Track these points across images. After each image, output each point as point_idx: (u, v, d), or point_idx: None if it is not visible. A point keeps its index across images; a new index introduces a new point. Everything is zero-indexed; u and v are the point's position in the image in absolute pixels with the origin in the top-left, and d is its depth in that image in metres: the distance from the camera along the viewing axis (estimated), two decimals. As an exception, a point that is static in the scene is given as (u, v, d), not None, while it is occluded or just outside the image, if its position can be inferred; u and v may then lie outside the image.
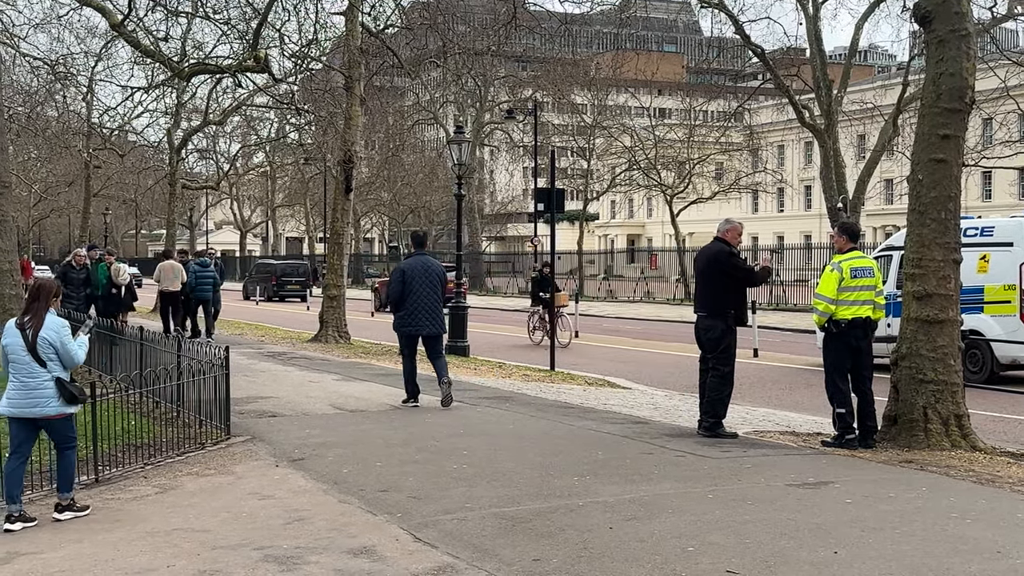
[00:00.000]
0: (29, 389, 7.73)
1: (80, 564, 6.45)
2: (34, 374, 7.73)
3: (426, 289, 13.07)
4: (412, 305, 13.08)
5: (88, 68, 42.42)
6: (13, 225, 19.23)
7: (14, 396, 7.77)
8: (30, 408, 7.73)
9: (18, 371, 7.76)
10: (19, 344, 7.78)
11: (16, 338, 7.81)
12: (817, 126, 32.93)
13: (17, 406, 7.75)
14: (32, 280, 45.07)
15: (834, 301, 10.32)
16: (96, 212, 60.09)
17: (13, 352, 7.79)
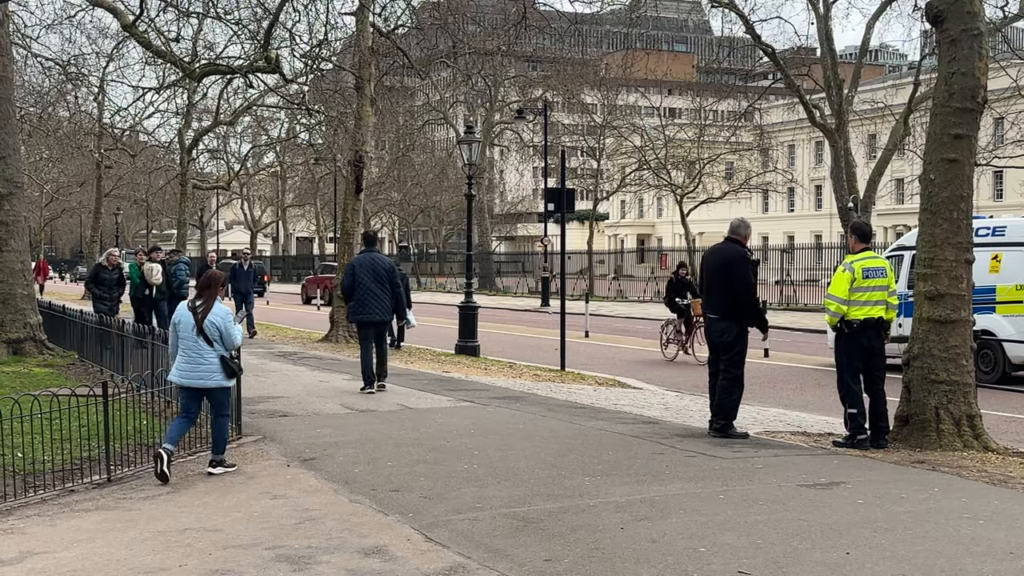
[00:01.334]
0: (196, 364, 9.14)
1: (92, 563, 6.47)
2: (201, 351, 9.12)
3: (373, 282, 14.60)
4: (360, 296, 14.60)
5: (100, 69, 42.62)
6: (25, 225, 19.31)
7: (184, 368, 9.18)
8: (197, 380, 9.16)
9: (187, 347, 9.16)
10: (190, 324, 9.13)
11: (188, 319, 9.17)
12: (828, 126, 32.87)
13: (186, 377, 9.18)
14: (45, 278, 44.60)
15: (846, 301, 10.29)
16: (107, 212, 60.31)
17: (184, 330, 9.17)
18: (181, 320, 9.23)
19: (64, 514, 7.70)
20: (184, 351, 9.18)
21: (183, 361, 9.19)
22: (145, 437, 10.00)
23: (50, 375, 15.40)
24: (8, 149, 18.05)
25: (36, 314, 18.20)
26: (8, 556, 6.60)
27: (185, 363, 9.17)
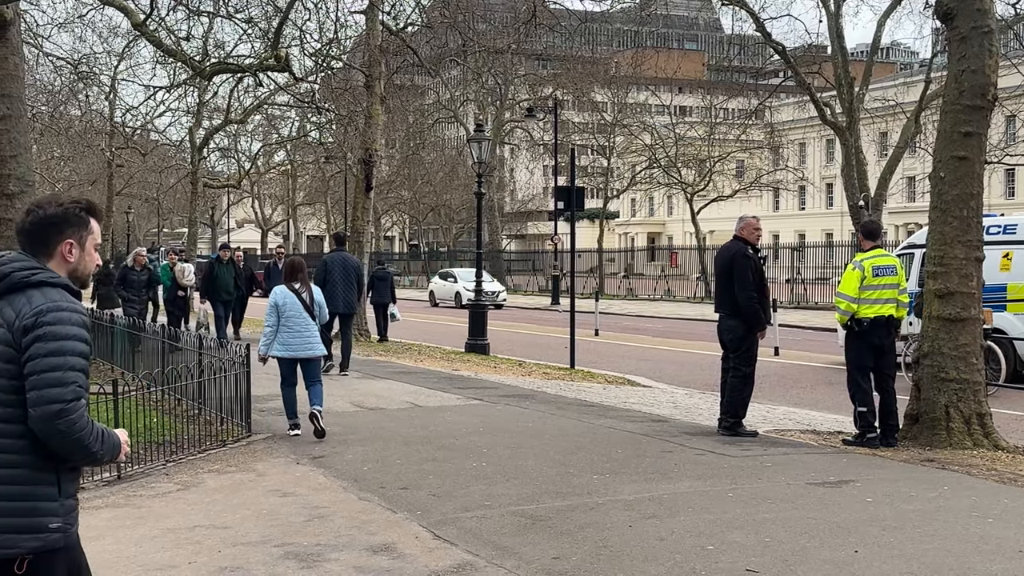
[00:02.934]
0: (303, 337, 10.49)
1: (102, 560, 6.49)
2: (308, 325, 10.51)
3: (341, 278, 16.61)
4: (330, 290, 16.04)
5: (110, 67, 42.74)
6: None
7: (291, 342, 10.46)
8: (306, 351, 10.55)
9: (294, 324, 10.45)
10: (297, 303, 10.53)
11: (293, 298, 10.53)
12: (839, 124, 32.77)
13: (293, 349, 10.47)
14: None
15: (856, 300, 10.28)
16: (119, 211, 60.48)
17: (292, 309, 10.49)
18: (286, 301, 10.51)
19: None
20: (290, 328, 10.45)
21: (290, 336, 10.46)
22: (155, 435, 10.03)
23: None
24: (20, 148, 18.07)
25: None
26: (19, 553, 6.63)
27: (292, 338, 10.46)
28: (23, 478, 3.32)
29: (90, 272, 3.65)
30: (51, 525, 3.35)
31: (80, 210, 3.61)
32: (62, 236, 3.57)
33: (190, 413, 10.98)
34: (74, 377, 3.35)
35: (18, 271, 3.45)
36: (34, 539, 3.31)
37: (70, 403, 3.31)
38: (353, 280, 16.83)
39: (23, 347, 3.33)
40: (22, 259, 3.52)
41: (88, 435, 3.36)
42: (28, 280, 3.43)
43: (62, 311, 3.39)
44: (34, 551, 3.31)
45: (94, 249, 3.65)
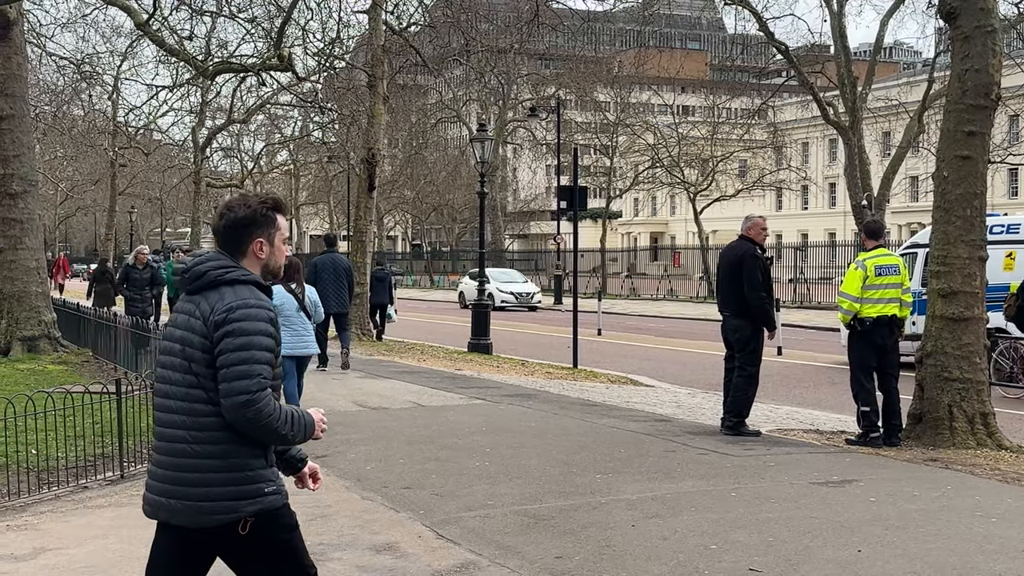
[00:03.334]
0: (300, 336, 10.76)
1: (105, 559, 6.50)
2: (304, 324, 10.81)
3: (332, 279, 16.98)
4: (321, 290, 16.06)
5: (113, 67, 42.78)
6: (40, 223, 19.39)
7: (289, 341, 10.36)
8: (301, 349, 10.82)
9: (291, 323, 10.61)
10: (293, 303, 10.73)
11: (289, 299, 10.70)
12: (842, 123, 32.76)
13: (291, 348, 10.55)
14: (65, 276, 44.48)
15: (858, 299, 10.27)
16: (122, 210, 60.53)
17: (288, 309, 10.57)
18: (284, 301, 10.64)
19: (78, 511, 7.73)
20: (288, 327, 10.52)
21: (288, 336, 10.47)
22: (158, 434, 10.03)
23: (64, 372, 15.46)
24: (23, 147, 18.11)
25: (50, 312, 18.26)
26: (22, 552, 6.64)
27: (290, 337, 10.56)
28: (236, 452, 3.73)
29: (280, 264, 4.01)
30: (266, 490, 3.79)
31: (267, 209, 3.93)
32: (252, 236, 3.91)
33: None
34: (259, 370, 3.69)
35: (213, 269, 3.82)
36: (252, 503, 3.75)
37: (255, 394, 3.66)
38: (344, 280, 17.25)
39: (215, 341, 3.71)
40: (217, 258, 3.86)
41: (275, 420, 3.71)
42: (222, 278, 3.80)
43: (250, 308, 3.75)
44: (254, 514, 3.76)
45: (282, 243, 3.99)
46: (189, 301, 3.84)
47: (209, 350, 3.72)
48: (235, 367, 3.66)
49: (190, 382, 3.74)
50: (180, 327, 3.81)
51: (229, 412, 3.67)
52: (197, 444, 3.72)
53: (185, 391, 3.75)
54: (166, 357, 3.84)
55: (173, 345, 3.82)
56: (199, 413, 3.72)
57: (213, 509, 3.71)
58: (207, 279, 3.81)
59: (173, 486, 3.75)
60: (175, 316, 3.90)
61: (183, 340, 3.78)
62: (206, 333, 3.73)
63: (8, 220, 17.75)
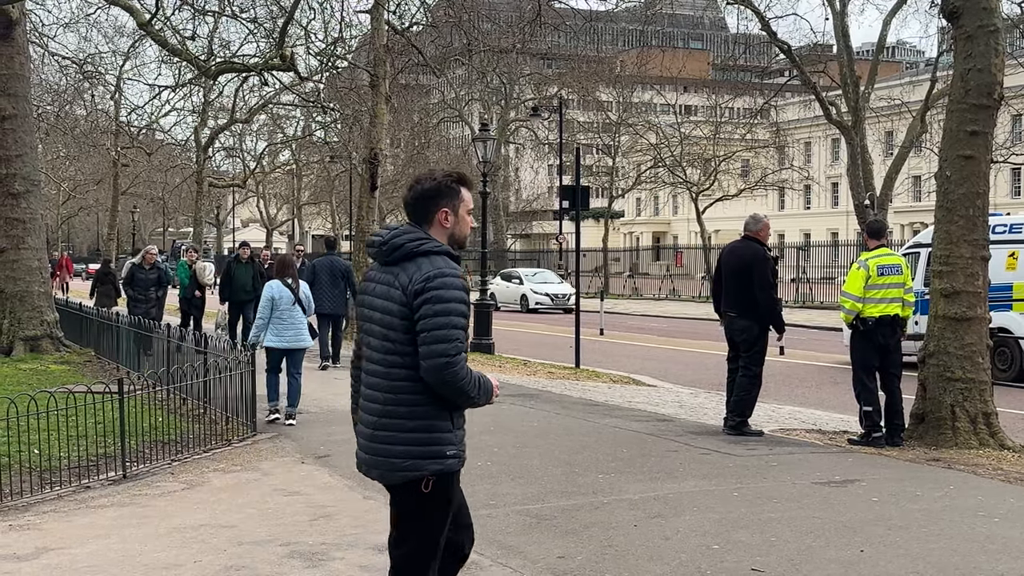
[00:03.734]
0: (295, 328, 11.28)
1: (108, 559, 6.50)
2: (299, 318, 11.31)
3: (329, 280, 17.35)
4: (318, 291, 16.72)
5: (116, 67, 42.82)
6: (42, 223, 19.39)
7: (284, 333, 11.18)
8: (296, 341, 11.31)
9: (287, 316, 11.21)
10: (289, 297, 11.26)
11: (286, 293, 11.25)
12: (844, 123, 32.74)
13: (285, 340, 11.20)
14: (69, 276, 44.24)
15: (861, 299, 10.26)
16: (124, 210, 60.56)
17: (284, 303, 11.22)
18: (281, 295, 11.26)
19: (80, 510, 7.74)
20: (283, 320, 11.21)
21: (283, 328, 11.22)
22: (160, 434, 10.05)
23: (67, 372, 15.47)
24: (25, 147, 18.12)
25: (53, 311, 18.27)
26: (24, 552, 6.64)
27: (285, 329, 11.22)
28: (425, 414, 4.05)
29: (466, 234, 4.28)
30: (448, 452, 4.11)
31: (452, 182, 4.24)
32: (438, 206, 4.20)
33: (195, 412, 10.98)
34: (457, 334, 4.00)
35: (409, 242, 4.12)
36: (436, 463, 4.07)
37: (453, 357, 3.99)
38: (340, 283, 17.65)
39: (415, 308, 4.00)
40: (411, 231, 4.17)
41: (468, 383, 4.06)
42: (417, 250, 4.11)
43: (446, 277, 4.04)
44: (436, 473, 4.08)
45: (467, 214, 4.27)
46: (387, 272, 4.13)
47: (408, 317, 4.01)
48: (435, 331, 3.96)
49: (387, 348, 4.06)
50: (379, 296, 4.12)
51: (429, 374, 3.98)
52: (391, 405, 4.06)
53: (382, 356, 4.09)
54: (366, 324, 4.17)
55: (373, 313, 4.14)
56: (394, 377, 4.05)
57: (401, 466, 4.06)
58: (404, 251, 4.10)
59: (372, 443, 4.14)
60: (371, 286, 4.20)
61: (383, 309, 4.10)
62: (405, 301, 4.02)
63: (11, 220, 17.77)
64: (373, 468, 4.16)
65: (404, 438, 4.05)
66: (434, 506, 4.15)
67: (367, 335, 4.18)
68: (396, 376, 4.06)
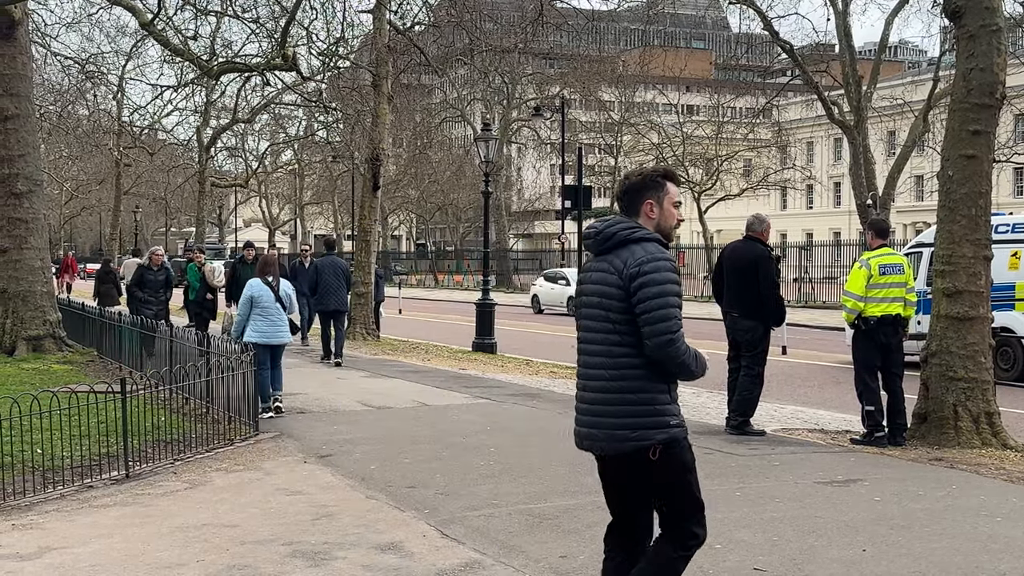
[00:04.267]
0: (275, 325, 11.81)
1: (110, 558, 6.51)
2: (279, 315, 11.81)
3: (332, 279, 18.17)
4: (322, 290, 18.08)
5: (118, 67, 42.90)
6: (45, 223, 19.40)
7: (264, 329, 11.68)
8: (276, 338, 11.85)
9: (267, 313, 11.73)
10: (269, 295, 11.76)
11: (266, 291, 11.75)
12: (847, 122, 32.74)
13: (266, 336, 11.66)
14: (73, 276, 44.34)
15: (863, 298, 10.26)
16: (126, 210, 60.59)
17: (265, 300, 11.72)
18: (261, 293, 11.75)
19: (83, 510, 7.75)
20: (264, 317, 11.71)
21: (264, 325, 11.72)
22: (163, 433, 10.06)
23: (69, 372, 15.49)
24: (28, 147, 18.14)
25: (55, 311, 18.28)
26: (27, 551, 6.65)
27: (266, 326, 11.71)
28: (646, 388, 4.36)
29: (671, 225, 4.57)
30: (671, 422, 4.40)
31: (658, 176, 4.56)
32: (643, 198, 4.52)
33: (198, 412, 11.00)
34: (675, 313, 4.34)
35: (622, 230, 4.45)
36: (661, 432, 4.37)
37: (675, 334, 4.31)
38: (343, 281, 18.55)
39: (631, 291, 4.32)
40: (623, 221, 4.50)
41: (688, 357, 4.37)
42: (629, 237, 4.43)
43: (658, 261, 4.35)
44: (662, 442, 4.36)
45: (672, 206, 4.57)
46: (602, 260, 4.45)
47: (624, 300, 4.32)
48: (655, 312, 4.28)
49: (607, 328, 4.37)
50: (596, 282, 4.44)
51: (654, 351, 4.30)
52: (614, 381, 4.36)
53: (603, 336, 4.39)
54: (586, 308, 4.48)
55: (591, 298, 4.45)
56: (615, 354, 4.36)
57: (627, 437, 4.35)
58: (617, 239, 4.43)
59: (595, 418, 4.44)
60: (588, 275, 4.52)
61: (600, 293, 4.41)
62: (621, 285, 4.34)
63: (13, 220, 17.78)
64: (599, 441, 4.45)
65: (629, 411, 4.35)
66: (674, 471, 4.44)
67: (585, 319, 4.49)
68: (618, 354, 4.36)
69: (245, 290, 12.05)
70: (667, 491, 4.49)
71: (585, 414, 4.52)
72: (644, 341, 4.30)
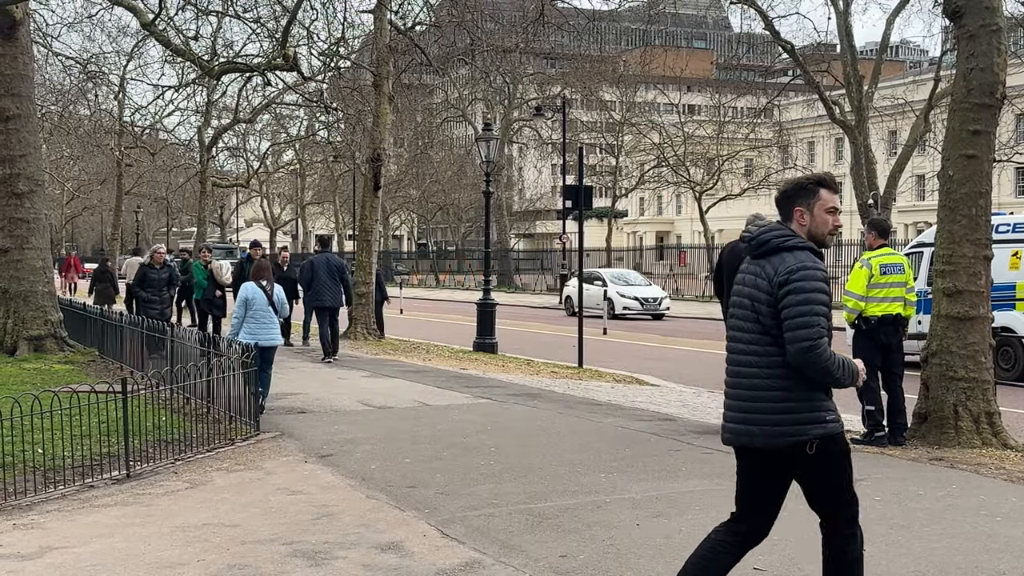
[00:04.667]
0: (268, 328, 12.12)
1: (112, 558, 6.52)
2: (271, 318, 12.17)
3: (327, 276, 18.58)
4: (317, 286, 18.52)
5: (119, 67, 42.91)
6: (47, 223, 19.40)
7: (257, 332, 11.95)
8: (268, 340, 12.08)
9: (260, 316, 12.06)
10: (263, 298, 12.12)
11: (260, 294, 12.12)
12: (848, 122, 32.74)
13: (259, 338, 11.85)
14: (78, 274, 44.57)
15: (863, 298, 10.27)
16: (128, 210, 60.57)
17: (259, 303, 12.08)
18: (255, 296, 12.09)
19: (84, 509, 7.76)
20: (257, 320, 12.04)
21: (256, 327, 12.02)
22: (164, 433, 10.07)
23: (70, 372, 15.51)
24: (29, 147, 18.15)
25: (57, 311, 18.30)
26: (28, 551, 6.66)
27: (259, 328, 12.04)
28: (801, 385, 4.52)
29: (824, 232, 4.70)
30: (827, 417, 4.56)
31: (811, 183, 4.71)
32: (793, 205, 4.69)
33: (199, 412, 11.00)
34: (818, 320, 4.46)
35: (775, 238, 4.63)
36: (818, 427, 4.54)
37: (816, 341, 4.44)
38: (337, 278, 18.81)
39: (779, 298, 4.50)
40: (779, 228, 4.69)
41: (831, 363, 4.49)
42: (782, 245, 4.61)
43: (807, 270, 4.50)
44: (819, 436, 4.54)
45: (826, 213, 4.69)
46: (756, 264, 4.65)
47: (773, 305, 4.52)
48: (798, 318, 4.44)
49: (759, 329, 4.57)
50: (748, 286, 4.64)
51: (794, 357, 4.45)
52: (770, 379, 4.53)
53: (756, 336, 4.58)
54: (737, 309, 4.68)
55: (743, 300, 4.65)
56: (769, 354, 4.54)
57: (785, 433, 4.51)
58: (770, 246, 4.61)
59: (750, 414, 4.58)
60: (743, 277, 4.70)
61: (751, 296, 4.61)
62: (770, 291, 4.53)
63: (15, 220, 17.80)
64: (754, 436, 4.58)
65: (785, 407, 4.50)
66: (831, 465, 4.65)
67: (736, 319, 4.69)
68: (771, 353, 4.53)
69: (240, 293, 12.37)
70: (824, 485, 4.71)
71: (736, 410, 4.66)
72: (786, 347, 4.47)
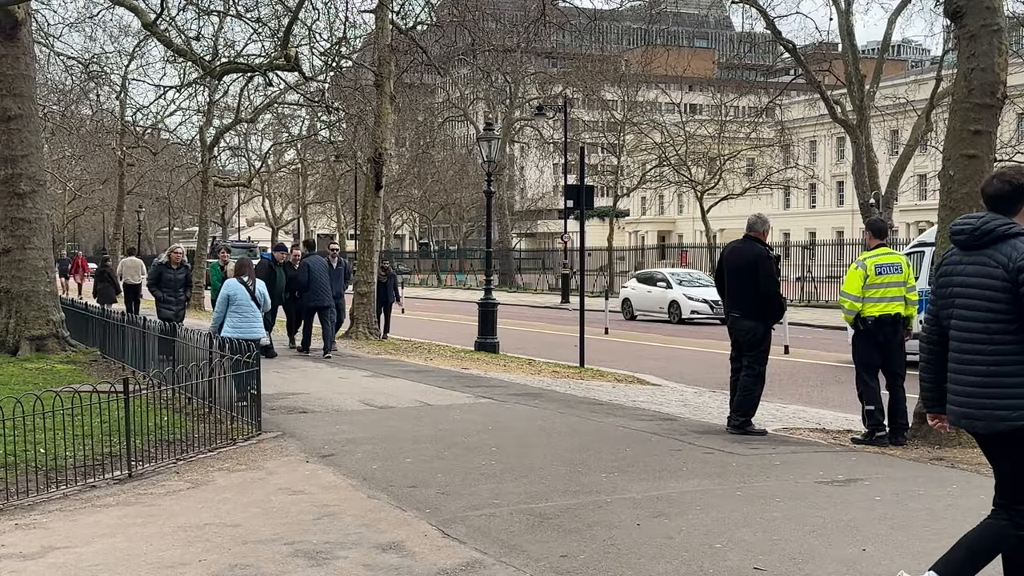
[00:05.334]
0: (250, 322, 12.55)
1: (113, 558, 6.53)
2: (254, 312, 12.60)
3: (324, 277, 19.36)
4: (314, 287, 19.21)
5: (121, 67, 42.89)
6: (48, 223, 19.43)
7: (240, 325, 12.38)
8: (251, 333, 12.34)
9: (243, 311, 12.49)
10: (245, 294, 12.57)
11: (242, 290, 12.57)
12: (849, 121, 32.70)
13: (243, 332, 12.17)
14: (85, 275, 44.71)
15: (860, 298, 10.28)
16: (130, 210, 60.57)
17: (242, 298, 12.53)
18: (237, 292, 12.54)
19: (85, 509, 7.77)
20: (240, 315, 12.46)
21: (240, 322, 12.44)
22: (166, 433, 10.08)
23: (72, 372, 15.52)
24: (31, 147, 18.17)
25: (59, 311, 18.32)
26: (30, 551, 6.67)
27: (242, 323, 12.45)
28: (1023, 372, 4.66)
29: None
30: None
31: None
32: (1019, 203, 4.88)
33: (200, 412, 11.02)
34: None
35: (999, 226, 4.79)
36: None
37: None
38: (330, 276, 19.54)
39: (1019, 283, 4.64)
40: (999, 217, 4.84)
41: None
42: (1007, 232, 4.76)
43: None
44: None
45: None
46: (977, 254, 4.80)
47: (1009, 291, 4.65)
48: None
49: (988, 318, 4.70)
50: (973, 275, 4.78)
51: None
52: (995, 366, 4.68)
53: (984, 325, 4.72)
54: (961, 299, 4.84)
55: (969, 290, 4.80)
56: (997, 342, 4.68)
57: (1006, 417, 4.67)
58: (995, 234, 4.77)
59: (973, 399, 4.77)
60: (957, 268, 4.88)
61: (980, 285, 4.74)
62: (1006, 278, 4.66)
63: (16, 220, 17.82)
64: (977, 420, 4.77)
65: (1009, 392, 4.65)
66: None
67: (959, 308, 4.83)
68: (1000, 341, 4.67)
69: (222, 289, 12.82)
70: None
71: (961, 395, 4.84)
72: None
